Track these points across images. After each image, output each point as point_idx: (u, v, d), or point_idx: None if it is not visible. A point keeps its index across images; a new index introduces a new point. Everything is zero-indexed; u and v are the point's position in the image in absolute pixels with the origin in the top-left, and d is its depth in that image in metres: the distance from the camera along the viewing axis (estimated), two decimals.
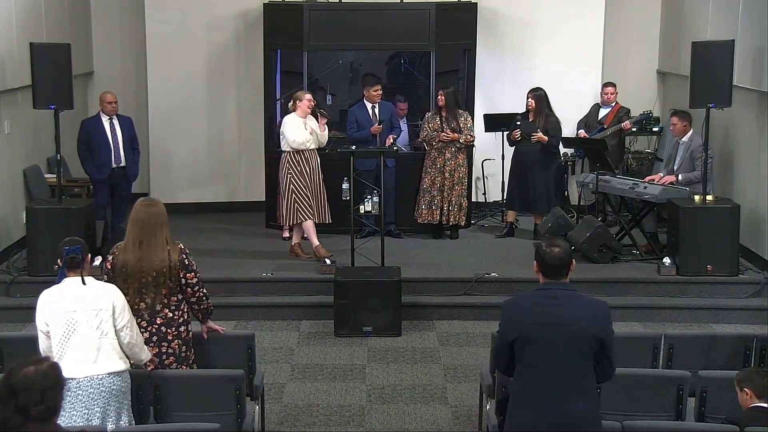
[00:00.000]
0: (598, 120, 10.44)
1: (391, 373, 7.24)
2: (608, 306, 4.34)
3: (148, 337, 5.27)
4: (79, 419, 4.62)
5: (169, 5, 11.09)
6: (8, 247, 9.21)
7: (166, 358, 5.34)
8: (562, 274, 4.32)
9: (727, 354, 5.79)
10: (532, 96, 9.80)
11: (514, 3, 11.12)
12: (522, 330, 4.22)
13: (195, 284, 5.37)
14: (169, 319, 5.33)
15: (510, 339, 4.26)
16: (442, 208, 9.88)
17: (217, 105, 11.30)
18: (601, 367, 4.24)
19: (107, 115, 9.46)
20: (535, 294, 4.35)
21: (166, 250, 5.25)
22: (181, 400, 5.10)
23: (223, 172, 11.44)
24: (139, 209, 5.32)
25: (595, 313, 4.26)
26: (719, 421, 4.92)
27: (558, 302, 4.26)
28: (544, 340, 4.18)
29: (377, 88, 9.86)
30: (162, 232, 5.28)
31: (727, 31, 9.32)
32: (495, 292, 8.60)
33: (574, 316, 4.21)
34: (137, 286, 5.25)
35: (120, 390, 4.74)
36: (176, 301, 5.36)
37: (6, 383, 3.38)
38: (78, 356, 4.66)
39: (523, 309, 4.31)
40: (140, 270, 5.23)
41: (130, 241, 5.28)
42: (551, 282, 4.32)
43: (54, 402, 3.43)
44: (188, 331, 5.44)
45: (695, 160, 9.08)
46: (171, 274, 5.27)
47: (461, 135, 9.75)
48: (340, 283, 8.01)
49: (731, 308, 8.43)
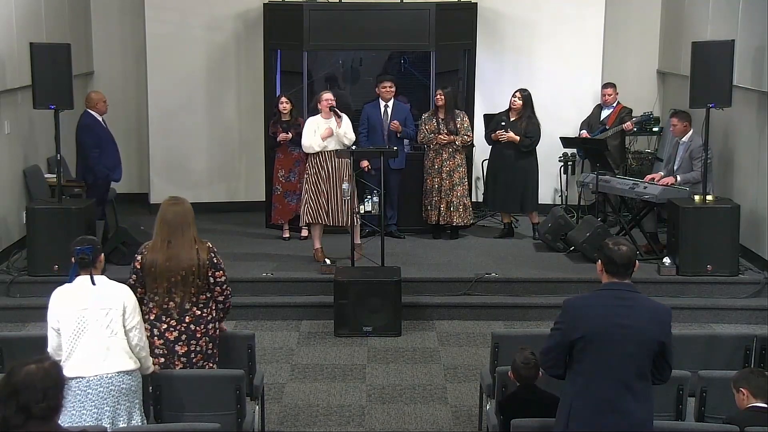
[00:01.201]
0: (600, 121, 10.43)
1: (391, 373, 7.24)
2: (671, 310, 4.35)
3: (178, 336, 5.28)
4: (90, 418, 4.63)
5: (169, 5, 11.09)
6: (8, 247, 9.21)
7: (195, 356, 5.34)
8: (628, 273, 4.30)
9: (727, 354, 5.80)
10: (520, 96, 9.82)
11: (514, 3, 11.12)
12: (587, 329, 4.18)
13: (223, 282, 5.38)
14: (197, 317, 5.33)
15: (573, 338, 4.21)
16: (440, 209, 9.88)
17: (217, 105, 11.30)
18: (660, 369, 4.26)
19: (100, 114, 9.45)
20: (601, 294, 4.30)
21: (194, 249, 5.26)
22: (181, 400, 5.10)
23: (223, 172, 11.44)
24: (165, 208, 5.33)
25: (660, 317, 4.26)
26: (719, 421, 4.92)
27: (626, 303, 4.23)
28: (611, 341, 4.15)
29: (385, 84, 9.81)
30: (189, 231, 5.28)
31: (727, 31, 9.32)
32: (495, 292, 8.61)
33: (641, 319, 4.20)
34: (166, 286, 5.25)
35: (130, 389, 4.75)
36: (204, 299, 5.35)
37: (8, 382, 3.39)
38: (87, 355, 4.67)
39: (589, 308, 4.26)
40: (169, 269, 5.23)
41: (158, 241, 5.28)
42: (617, 282, 4.28)
43: (55, 401, 3.44)
44: (215, 329, 5.45)
45: (695, 161, 9.08)
46: (200, 272, 5.27)
47: (458, 137, 9.75)
48: (340, 283, 8.01)
49: (731, 308, 8.43)
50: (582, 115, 10.74)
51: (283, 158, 9.87)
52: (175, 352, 5.32)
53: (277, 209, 10.02)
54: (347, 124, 9.01)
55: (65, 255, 8.30)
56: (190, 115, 11.22)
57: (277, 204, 10.00)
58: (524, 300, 8.54)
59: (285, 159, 9.86)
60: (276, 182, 9.95)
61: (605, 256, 4.31)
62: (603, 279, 4.34)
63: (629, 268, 4.30)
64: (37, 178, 9.74)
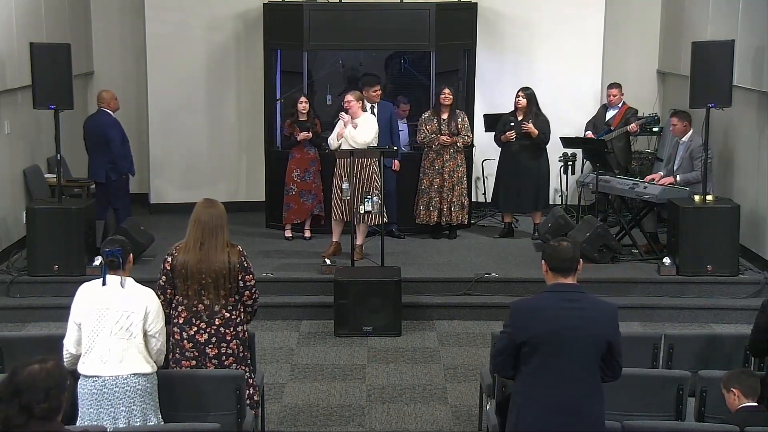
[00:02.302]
0: (606, 121, 10.39)
1: (391, 373, 7.24)
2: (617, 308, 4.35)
3: (208, 338, 5.27)
4: (107, 417, 4.67)
5: (169, 5, 11.09)
6: (8, 247, 9.21)
7: (226, 359, 5.32)
8: (572, 269, 4.29)
9: (727, 354, 5.79)
10: (523, 94, 9.81)
11: (514, 3, 11.13)
12: (534, 333, 4.19)
13: (252, 286, 5.37)
14: (227, 319, 5.31)
15: (519, 341, 4.22)
16: (441, 210, 9.88)
17: (217, 105, 11.30)
18: (610, 367, 4.25)
19: (113, 111, 9.49)
20: (547, 296, 4.30)
21: (226, 252, 5.23)
22: (181, 400, 5.10)
23: (223, 172, 11.44)
24: (200, 210, 5.29)
25: (608, 317, 4.26)
26: (719, 421, 4.92)
27: (573, 305, 4.23)
28: (558, 344, 4.16)
29: (376, 88, 9.78)
30: (222, 234, 5.25)
31: (727, 31, 9.32)
32: (495, 292, 8.61)
33: (588, 320, 4.20)
34: (197, 288, 5.23)
35: (145, 390, 4.76)
36: (234, 302, 5.33)
37: (10, 381, 3.39)
38: (104, 355, 4.70)
39: (536, 311, 4.26)
40: (200, 271, 5.20)
41: (191, 242, 5.24)
42: (562, 283, 4.28)
43: (58, 401, 3.44)
44: (245, 331, 5.43)
45: (695, 160, 9.08)
46: (230, 276, 5.25)
47: (459, 138, 9.75)
48: (340, 283, 8.01)
49: (731, 308, 8.44)
50: (582, 115, 10.73)
51: (299, 158, 9.75)
52: (206, 354, 5.29)
53: (292, 209, 9.83)
54: (366, 125, 9.01)
55: (65, 255, 8.47)
56: (190, 115, 11.22)
57: (292, 204, 9.81)
58: None
59: (301, 159, 9.73)
60: (290, 182, 9.77)
61: (547, 255, 4.33)
62: (548, 280, 4.33)
63: (573, 263, 4.28)
64: (37, 178, 9.74)
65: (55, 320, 7.76)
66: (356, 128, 8.97)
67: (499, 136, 9.97)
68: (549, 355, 4.18)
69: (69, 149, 9.66)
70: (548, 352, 4.18)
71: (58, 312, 7.18)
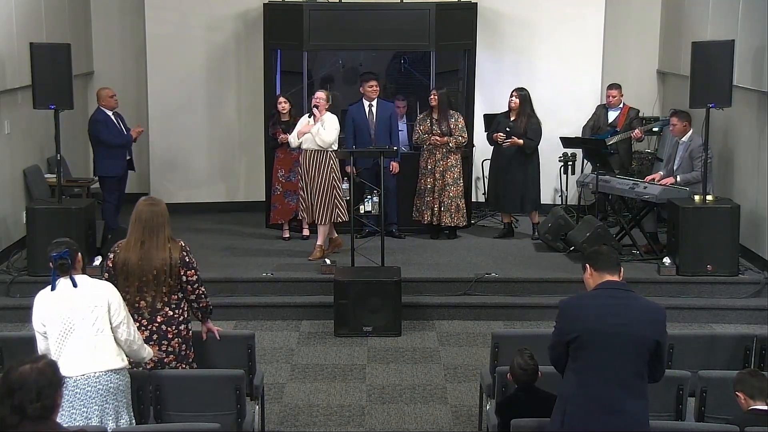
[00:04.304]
0: (609, 123, 10.36)
1: (391, 373, 7.24)
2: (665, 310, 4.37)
3: (149, 336, 5.28)
4: (79, 417, 4.60)
5: (169, 5, 11.09)
6: (8, 247, 9.21)
7: (166, 356, 5.34)
8: (618, 267, 4.35)
9: (727, 354, 5.80)
10: (517, 95, 9.80)
11: (514, 3, 11.13)
12: (582, 329, 4.20)
13: (194, 281, 5.38)
14: (169, 317, 5.34)
15: (568, 338, 4.23)
16: (433, 210, 9.87)
17: (217, 105, 11.30)
18: (653, 369, 4.26)
19: (111, 110, 9.48)
20: (596, 293, 4.32)
21: (167, 249, 5.27)
22: (181, 400, 5.10)
23: (223, 172, 11.45)
24: (141, 209, 5.34)
25: (655, 316, 4.26)
26: (719, 422, 4.92)
27: (621, 302, 4.25)
28: (606, 341, 4.17)
29: (372, 84, 9.78)
30: (164, 232, 5.30)
31: (727, 31, 9.32)
32: (495, 292, 8.61)
33: (636, 318, 4.21)
34: (138, 285, 5.27)
35: (118, 388, 4.71)
36: (176, 299, 5.37)
37: (3, 382, 3.38)
38: (75, 355, 4.64)
39: (584, 308, 4.28)
40: (141, 268, 5.24)
41: (132, 240, 5.30)
42: (611, 281, 4.31)
43: (51, 400, 3.43)
44: (188, 330, 5.45)
45: (694, 160, 9.08)
46: (172, 272, 5.28)
47: (451, 138, 9.73)
48: (340, 283, 8.01)
49: (731, 308, 8.43)
50: (582, 115, 10.67)
51: (283, 158, 9.87)
52: None
53: (276, 209, 10.02)
54: (329, 125, 8.95)
55: None
56: (190, 115, 11.22)
57: (276, 204, 10.00)
58: (524, 300, 8.54)
59: (285, 159, 9.85)
60: (276, 182, 9.95)
61: (591, 257, 4.41)
62: (593, 282, 4.36)
63: (618, 261, 4.38)
64: (37, 178, 9.75)
65: None
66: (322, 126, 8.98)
67: (490, 135, 9.98)
68: (595, 352, 4.18)
69: (69, 149, 9.67)
70: (595, 350, 4.18)
71: None
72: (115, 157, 9.45)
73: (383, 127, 9.71)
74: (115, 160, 9.46)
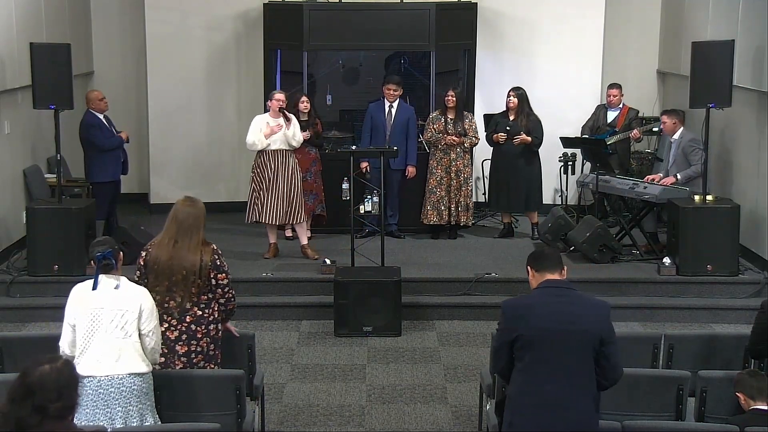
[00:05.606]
0: (608, 123, 10.36)
1: (391, 373, 7.24)
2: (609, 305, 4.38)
3: (178, 335, 5.29)
4: (102, 417, 4.64)
5: (169, 5, 11.09)
6: (8, 247, 9.21)
7: (195, 356, 5.34)
8: (559, 265, 4.36)
9: (727, 354, 5.79)
10: (515, 94, 9.81)
11: (514, 3, 11.13)
12: (526, 328, 4.21)
13: (225, 285, 5.38)
14: (198, 317, 5.33)
15: (511, 338, 4.25)
16: (450, 209, 9.88)
17: (217, 105, 11.30)
18: (604, 368, 4.24)
19: (101, 112, 9.46)
20: (537, 293, 4.34)
21: (198, 252, 5.25)
22: (181, 400, 5.10)
23: (223, 172, 11.45)
24: (180, 208, 5.32)
25: (597, 311, 4.28)
26: (719, 422, 4.92)
27: (562, 300, 4.26)
28: (550, 339, 4.18)
29: (390, 86, 9.76)
30: (197, 234, 5.27)
31: (727, 31, 9.32)
32: (495, 292, 8.60)
33: (579, 314, 4.23)
34: (167, 284, 5.25)
35: (141, 390, 4.74)
36: (206, 299, 5.35)
37: (22, 383, 3.39)
38: (100, 355, 4.68)
39: (526, 308, 4.29)
40: (170, 268, 5.23)
41: (165, 239, 5.29)
42: (551, 280, 4.32)
43: (71, 399, 3.44)
44: (218, 330, 5.44)
45: (688, 155, 9.10)
46: (201, 273, 5.26)
47: (467, 138, 9.76)
48: (340, 283, 8.01)
49: (731, 308, 8.44)
50: (582, 115, 10.67)
51: (300, 158, 9.71)
52: (176, 351, 5.31)
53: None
54: (295, 126, 8.99)
55: (65, 255, 8.46)
56: (190, 115, 11.22)
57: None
58: None
59: (302, 159, 9.65)
60: None
61: (531, 260, 4.44)
62: (535, 283, 4.38)
63: (557, 260, 4.39)
64: (37, 178, 9.74)
65: (55, 320, 7.70)
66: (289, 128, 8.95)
67: (490, 135, 9.98)
68: (540, 350, 4.20)
69: (69, 149, 9.65)
70: (539, 348, 4.20)
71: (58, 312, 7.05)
72: (109, 161, 9.41)
73: (400, 129, 9.70)
74: (110, 164, 9.42)
